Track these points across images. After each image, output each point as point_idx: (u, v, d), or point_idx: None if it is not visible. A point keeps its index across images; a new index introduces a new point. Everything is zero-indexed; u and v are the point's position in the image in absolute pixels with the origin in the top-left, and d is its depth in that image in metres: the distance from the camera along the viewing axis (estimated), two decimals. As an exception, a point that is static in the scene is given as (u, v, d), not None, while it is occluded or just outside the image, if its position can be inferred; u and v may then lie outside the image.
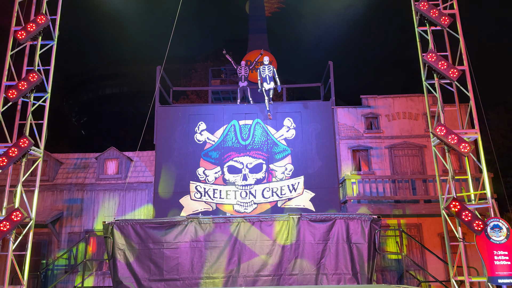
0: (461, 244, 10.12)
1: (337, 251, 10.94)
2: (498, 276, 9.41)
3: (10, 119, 10.84)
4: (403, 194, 13.65)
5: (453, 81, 10.89)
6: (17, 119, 10.87)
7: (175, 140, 15.22)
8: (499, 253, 9.52)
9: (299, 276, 10.80)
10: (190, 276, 10.78)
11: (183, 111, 15.63)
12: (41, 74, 10.88)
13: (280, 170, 14.86)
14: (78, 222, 14.78)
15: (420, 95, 15.23)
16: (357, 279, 10.79)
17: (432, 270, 13.05)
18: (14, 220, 9.76)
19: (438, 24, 11.20)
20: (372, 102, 15.56)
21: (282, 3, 21.85)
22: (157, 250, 10.96)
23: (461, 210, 9.86)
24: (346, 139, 15.14)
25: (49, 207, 14.90)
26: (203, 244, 10.99)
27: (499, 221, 9.75)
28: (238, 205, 14.54)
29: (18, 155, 10.16)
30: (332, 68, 15.66)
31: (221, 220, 11.28)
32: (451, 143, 10.23)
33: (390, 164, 14.86)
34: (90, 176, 15.41)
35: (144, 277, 10.80)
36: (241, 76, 15.86)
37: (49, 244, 14.52)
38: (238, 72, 15.96)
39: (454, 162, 14.31)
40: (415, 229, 14.16)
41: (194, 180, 14.81)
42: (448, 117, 12.29)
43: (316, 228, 11.12)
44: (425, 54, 11.01)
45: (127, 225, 11.17)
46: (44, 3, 11.48)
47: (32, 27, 10.98)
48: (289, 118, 15.35)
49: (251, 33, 19.66)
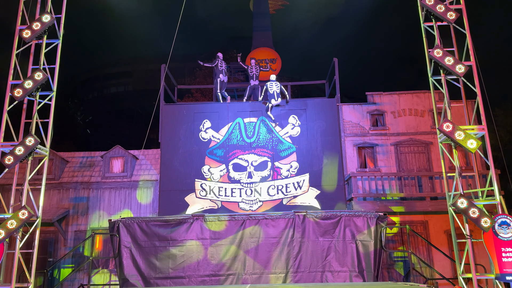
0: (469, 241, 10.05)
1: (343, 249, 10.91)
2: (506, 273, 9.33)
3: (16, 117, 10.89)
4: (409, 191, 13.57)
5: (460, 77, 10.78)
6: (23, 117, 10.90)
7: (180, 138, 15.23)
8: (507, 250, 9.44)
9: (304, 273, 10.79)
10: (196, 273, 10.80)
11: (188, 109, 15.63)
12: (46, 73, 10.90)
13: (285, 167, 14.82)
14: (84, 220, 14.84)
15: (426, 92, 15.12)
16: (363, 277, 10.76)
17: (438, 267, 12.97)
18: (21, 218, 9.81)
19: (444, 20, 11.09)
20: (378, 99, 15.47)
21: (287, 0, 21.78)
22: (163, 247, 10.99)
23: (468, 207, 9.78)
24: (351, 136, 15.08)
25: (55, 206, 14.98)
26: (209, 241, 11.01)
27: (507, 218, 9.66)
28: (243, 203, 14.53)
29: (24, 154, 10.20)
30: (337, 65, 15.58)
31: (226, 218, 11.29)
32: (458, 140, 10.15)
33: (396, 161, 14.77)
34: (95, 174, 15.46)
35: (150, 274, 10.84)
36: (253, 75, 15.86)
37: (55, 242, 14.60)
38: (250, 71, 15.95)
39: (460, 159, 14.20)
40: (422, 226, 14.08)
41: (199, 178, 14.82)
42: (455, 114, 12.20)
43: (322, 225, 11.09)
44: (431, 50, 10.91)
45: (133, 223, 11.20)
46: (49, 2, 11.50)
47: (37, 26, 11.00)
48: (294, 116, 15.31)
49: (255, 31, 19.62)
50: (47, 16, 11.13)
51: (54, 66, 11.37)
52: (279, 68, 18.34)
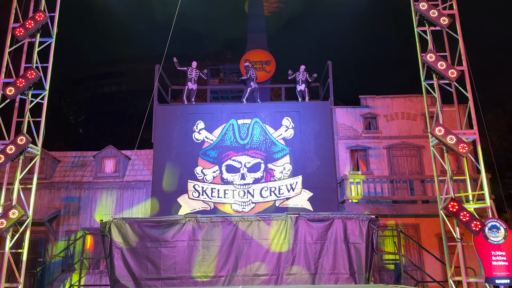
0: (459, 245, 10.13)
1: (335, 251, 10.92)
2: (495, 277, 9.42)
3: (7, 116, 10.80)
4: (401, 194, 13.65)
5: (452, 81, 10.89)
6: (14, 116, 10.82)
7: (173, 138, 15.19)
8: (497, 253, 9.54)
9: (297, 275, 10.79)
10: (188, 275, 10.75)
11: (182, 110, 15.59)
12: (39, 72, 10.83)
13: (279, 169, 14.84)
14: (76, 220, 14.73)
15: (418, 96, 15.24)
16: (354, 279, 10.78)
17: (429, 270, 13.05)
18: (11, 218, 9.72)
19: (437, 25, 11.20)
20: (371, 102, 15.56)
21: (281, 3, 21.83)
22: (154, 248, 10.92)
23: (459, 210, 9.87)
24: (344, 139, 15.14)
25: (46, 205, 14.85)
26: (201, 243, 10.96)
27: (497, 222, 9.76)
28: (236, 204, 14.52)
29: (15, 153, 10.12)
30: (331, 68, 15.66)
31: (219, 219, 11.26)
32: (450, 144, 10.24)
33: (388, 164, 14.86)
34: (87, 174, 15.36)
35: (141, 275, 10.77)
36: (254, 78, 15.91)
37: (46, 242, 14.47)
38: (252, 75, 15.98)
39: (452, 163, 14.32)
40: (413, 229, 14.17)
41: (192, 179, 14.78)
42: (447, 118, 12.30)
43: (314, 227, 11.10)
44: (424, 54, 11.01)
45: (124, 224, 11.13)
46: (42, 0, 11.43)
47: (30, 24, 10.93)
48: (287, 118, 15.34)
49: (250, 32, 19.64)
50: (40, 14, 11.07)
51: (47, 65, 11.31)
52: (274, 70, 18.37)
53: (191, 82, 15.82)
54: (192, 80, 15.82)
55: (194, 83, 15.83)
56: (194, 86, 15.81)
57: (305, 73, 16.03)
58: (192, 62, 16.28)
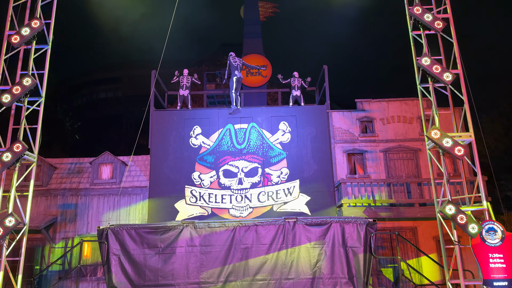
0: (457, 247, 10.15)
1: (332, 255, 10.90)
2: (493, 279, 9.44)
3: (4, 123, 10.77)
4: (398, 197, 13.68)
5: (447, 85, 10.95)
6: (10, 123, 10.79)
7: (170, 144, 15.17)
8: (494, 256, 9.56)
9: (295, 280, 10.75)
10: (186, 281, 10.69)
11: (178, 115, 15.60)
12: (35, 79, 10.81)
13: (276, 174, 14.84)
14: (72, 227, 14.66)
15: (414, 99, 15.30)
16: (353, 283, 10.76)
17: (427, 273, 13.06)
18: (8, 226, 9.66)
19: (432, 28, 11.28)
20: (367, 106, 15.62)
21: (277, 8, 21.93)
22: (152, 255, 10.86)
23: (456, 213, 9.89)
24: (341, 143, 15.17)
25: (43, 212, 14.77)
26: (199, 249, 10.92)
27: (494, 224, 9.79)
28: (233, 209, 14.50)
29: (11, 160, 10.07)
30: (327, 72, 15.72)
31: (216, 224, 11.22)
32: (446, 147, 10.28)
33: (385, 167, 14.89)
34: (84, 181, 15.30)
35: (139, 282, 10.71)
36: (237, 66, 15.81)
37: (42, 250, 14.38)
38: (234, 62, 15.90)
39: (448, 166, 14.37)
40: (411, 232, 14.19)
41: (189, 185, 14.76)
42: (443, 121, 12.35)
43: (312, 232, 11.08)
44: (420, 58, 11.07)
45: (121, 230, 11.08)
46: (38, 7, 11.43)
47: (26, 31, 10.92)
48: (284, 122, 15.37)
49: (246, 38, 19.70)
50: (36, 21, 11.06)
51: (43, 72, 11.30)
52: (270, 74, 18.42)
53: (182, 88, 15.92)
54: (183, 87, 15.92)
55: (185, 89, 15.89)
56: (185, 92, 15.88)
57: (300, 79, 16.08)
58: (184, 70, 16.37)
